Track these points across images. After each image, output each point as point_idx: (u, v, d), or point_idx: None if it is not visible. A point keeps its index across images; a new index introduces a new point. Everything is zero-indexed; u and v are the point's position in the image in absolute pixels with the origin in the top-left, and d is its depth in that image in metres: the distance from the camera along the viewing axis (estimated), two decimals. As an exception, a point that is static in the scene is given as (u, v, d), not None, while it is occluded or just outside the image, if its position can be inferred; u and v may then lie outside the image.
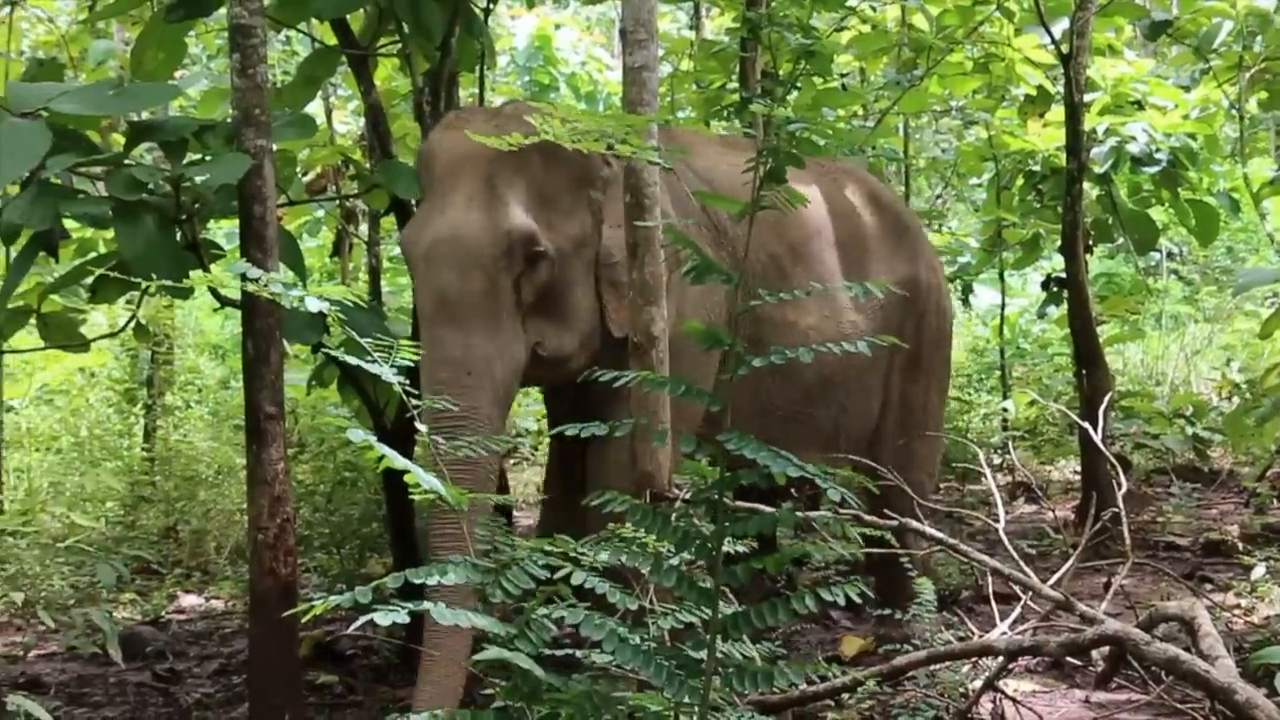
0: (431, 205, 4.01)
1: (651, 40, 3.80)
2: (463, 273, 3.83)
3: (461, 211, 3.90)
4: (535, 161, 4.00)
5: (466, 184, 3.95)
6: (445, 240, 3.87)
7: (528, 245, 3.91)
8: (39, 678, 4.57)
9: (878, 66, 7.22)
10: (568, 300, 4.07)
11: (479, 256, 3.85)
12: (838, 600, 2.43)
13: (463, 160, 3.97)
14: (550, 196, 4.06)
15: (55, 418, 7.52)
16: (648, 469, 3.71)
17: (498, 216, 3.90)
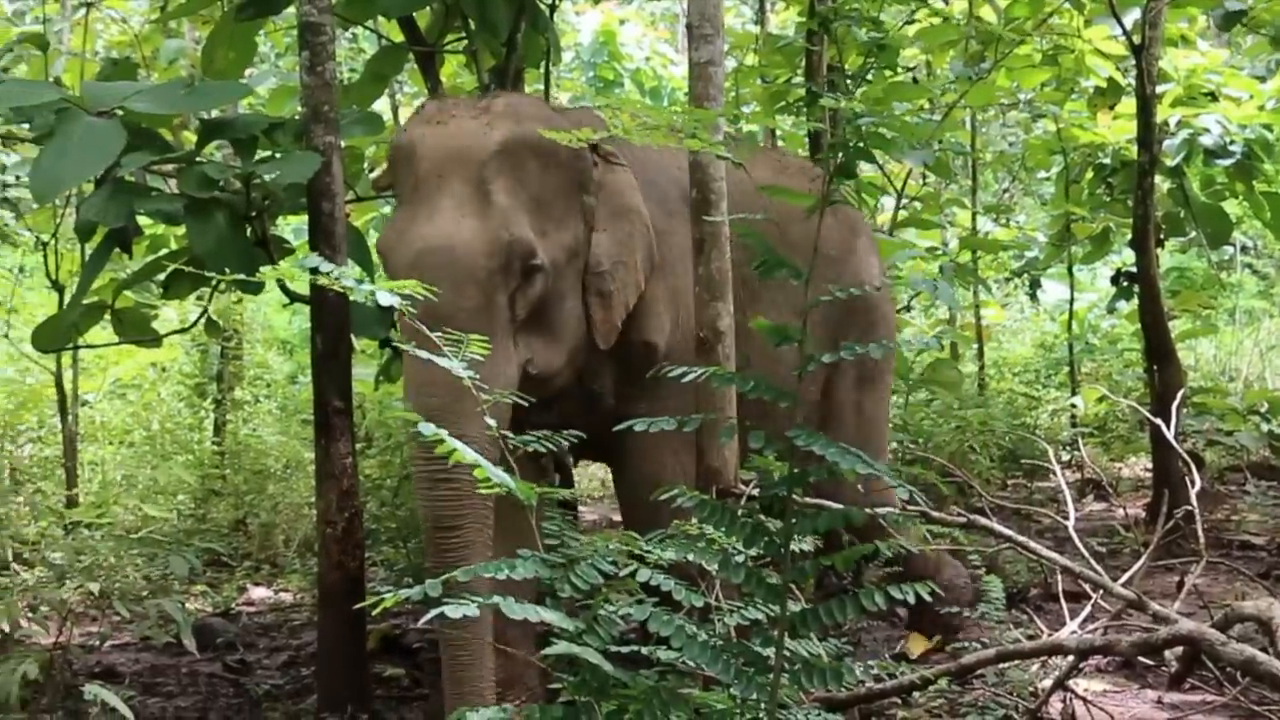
0: (416, 209, 3.62)
1: (717, 35, 3.79)
2: (456, 287, 3.46)
3: (452, 218, 3.55)
4: (530, 164, 3.70)
5: (457, 187, 3.59)
6: (435, 250, 3.51)
7: (526, 258, 3.61)
8: (114, 667, 4.64)
9: (944, 60, 7.15)
10: (558, 314, 3.79)
11: (473, 270, 3.51)
12: (907, 598, 2.41)
13: (451, 160, 3.62)
14: (545, 202, 3.74)
15: (128, 412, 7.63)
16: (714, 465, 3.70)
17: (494, 226, 3.57)
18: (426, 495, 3.42)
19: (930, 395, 7.58)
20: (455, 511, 3.39)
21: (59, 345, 4.83)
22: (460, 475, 3.27)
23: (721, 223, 3.63)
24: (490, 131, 3.64)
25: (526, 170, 3.69)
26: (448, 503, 3.38)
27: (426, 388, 3.38)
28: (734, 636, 2.63)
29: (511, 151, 3.64)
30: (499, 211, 3.59)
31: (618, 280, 3.87)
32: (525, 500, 2.36)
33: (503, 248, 3.55)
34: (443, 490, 3.38)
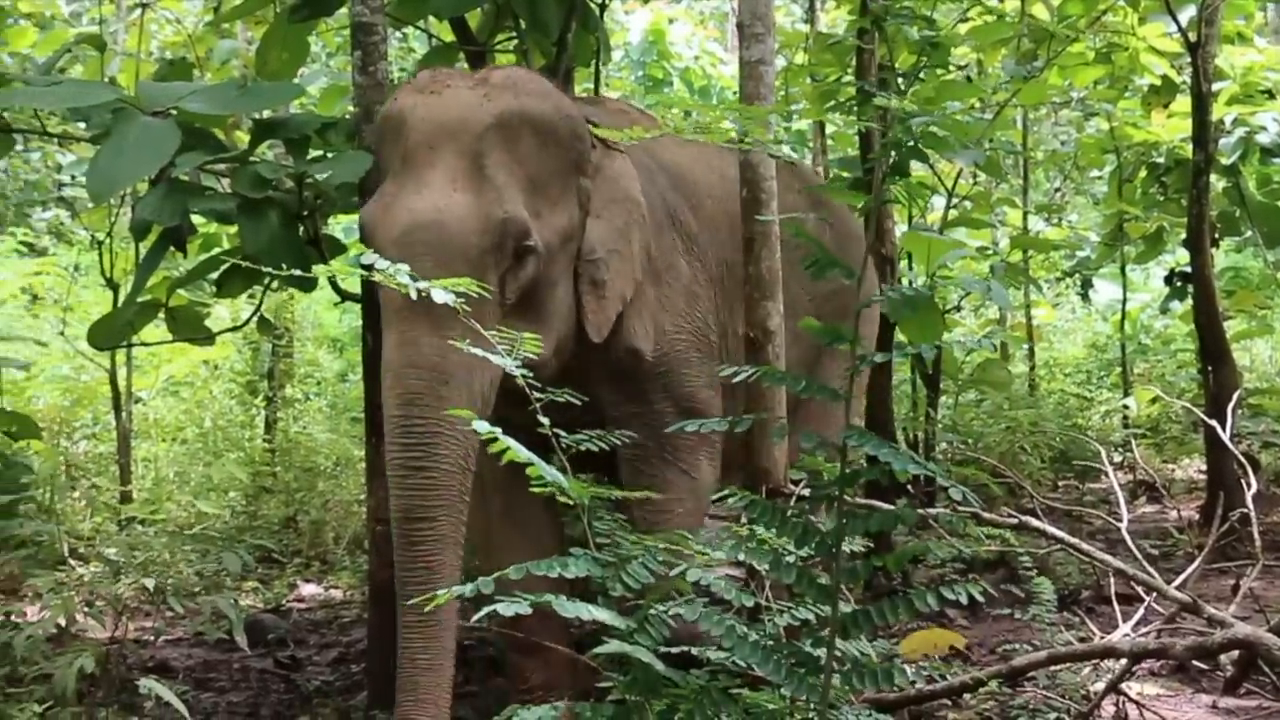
0: (403, 182, 3.40)
1: (769, 34, 3.79)
2: (444, 264, 3.22)
3: (443, 193, 3.35)
4: (527, 140, 3.51)
5: (449, 160, 3.39)
6: (424, 225, 3.30)
7: (520, 238, 3.40)
8: (167, 662, 4.69)
9: (996, 58, 7.11)
10: (548, 301, 3.57)
11: (464, 247, 3.30)
12: (959, 599, 2.40)
13: (444, 132, 3.42)
14: (541, 182, 3.54)
15: (180, 409, 7.71)
16: (764, 464, 3.70)
17: (488, 202, 3.36)
18: (399, 484, 3.23)
19: (980, 395, 7.54)
20: (428, 502, 3.21)
21: (114, 343, 4.88)
22: (436, 464, 3.20)
23: (772, 222, 3.62)
24: (487, 103, 3.46)
25: (523, 146, 3.51)
26: (421, 493, 3.21)
27: (409, 370, 3.23)
28: (784, 637, 2.63)
29: (508, 125, 3.47)
30: (493, 187, 3.39)
31: (612, 269, 3.68)
32: (578, 500, 2.36)
33: (496, 225, 3.34)
34: (418, 479, 3.21)
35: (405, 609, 3.17)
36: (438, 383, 3.22)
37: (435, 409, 3.20)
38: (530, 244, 3.41)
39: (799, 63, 7.21)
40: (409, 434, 3.20)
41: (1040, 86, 6.40)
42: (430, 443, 3.20)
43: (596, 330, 3.64)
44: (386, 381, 3.28)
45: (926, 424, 6.60)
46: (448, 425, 3.19)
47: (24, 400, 6.93)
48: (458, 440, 3.23)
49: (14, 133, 4.55)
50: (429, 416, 3.20)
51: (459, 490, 3.25)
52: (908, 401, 7.31)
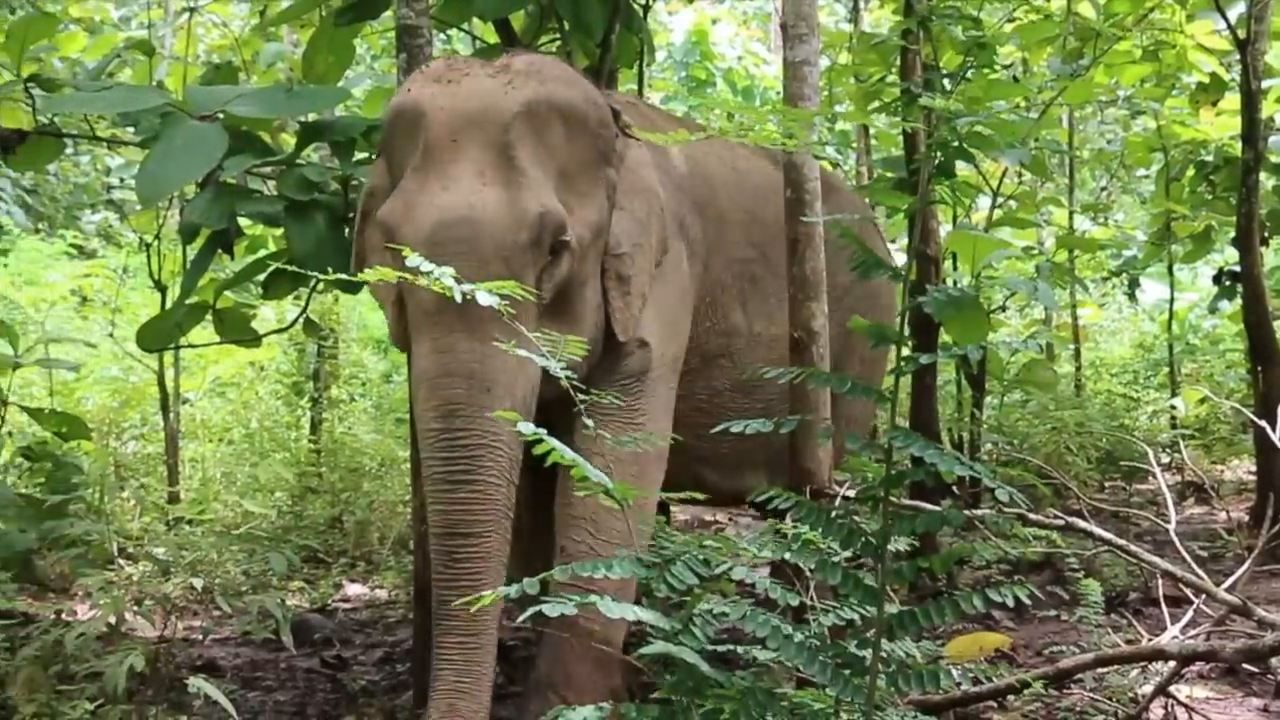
0: (425, 178, 3.20)
1: (812, 34, 3.78)
2: (479, 264, 3.04)
3: (472, 187, 3.15)
4: (556, 129, 3.34)
5: (476, 153, 3.19)
6: (455, 223, 3.11)
7: (557, 232, 3.22)
8: (215, 661, 4.73)
9: (1041, 56, 7.06)
10: (579, 301, 3.39)
11: (500, 244, 3.11)
12: (1006, 601, 2.39)
13: (468, 123, 3.22)
14: (570, 174, 3.36)
15: (227, 410, 7.78)
16: (808, 465, 3.69)
17: (523, 195, 3.17)
18: (442, 498, 3.06)
19: (1026, 396, 7.50)
20: (476, 517, 3.05)
21: (163, 345, 4.93)
22: (481, 477, 3.05)
23: (816, 223, 3.61)
24: (512, 91, 3.27)
25: (552, 136, 3.32)
26: (468, 506, 3.04)
27: (448, 379, 3.07)
28: (829, 638, 2.62)
29: (536, 114, 3.28)
30: (526, 179, 3.20)
31: (637, 264, 3.51)
32: (621, 501, 2.36)
33: (533, 220, 3.16)
34: (464, 493, 3.05)
35: (442, 628, 3.07)
36: (479, 391, 3.06)
37: (478, 419, 3.04)
38: (566, 239, 3.24)
39: (843, 62, 7.19)
40: (451, 447, 3.04)
41: (1086, 85, 6.37)
42: (475, 455, 3.05)
43: (624, 329, 3.47)
44: (421, 392, 3.11)
45: (971, 424, 6.57)
46: (492, 435, 3.05)
47: (74, 401, 7.01)
48: (503, 451, 3.09)
49: (64, 137, 4.60)
50: (472, 428, 3.04)
51: (505, 504, 3.10)
52: (952, 402, 7.27)
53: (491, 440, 3.06)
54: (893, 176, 5.91)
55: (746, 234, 4.14)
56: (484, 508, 3.06)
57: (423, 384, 3.11)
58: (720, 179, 4.14)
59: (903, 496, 3.64)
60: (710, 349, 4.09)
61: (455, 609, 2.99)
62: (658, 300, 3.62)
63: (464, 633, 3.05)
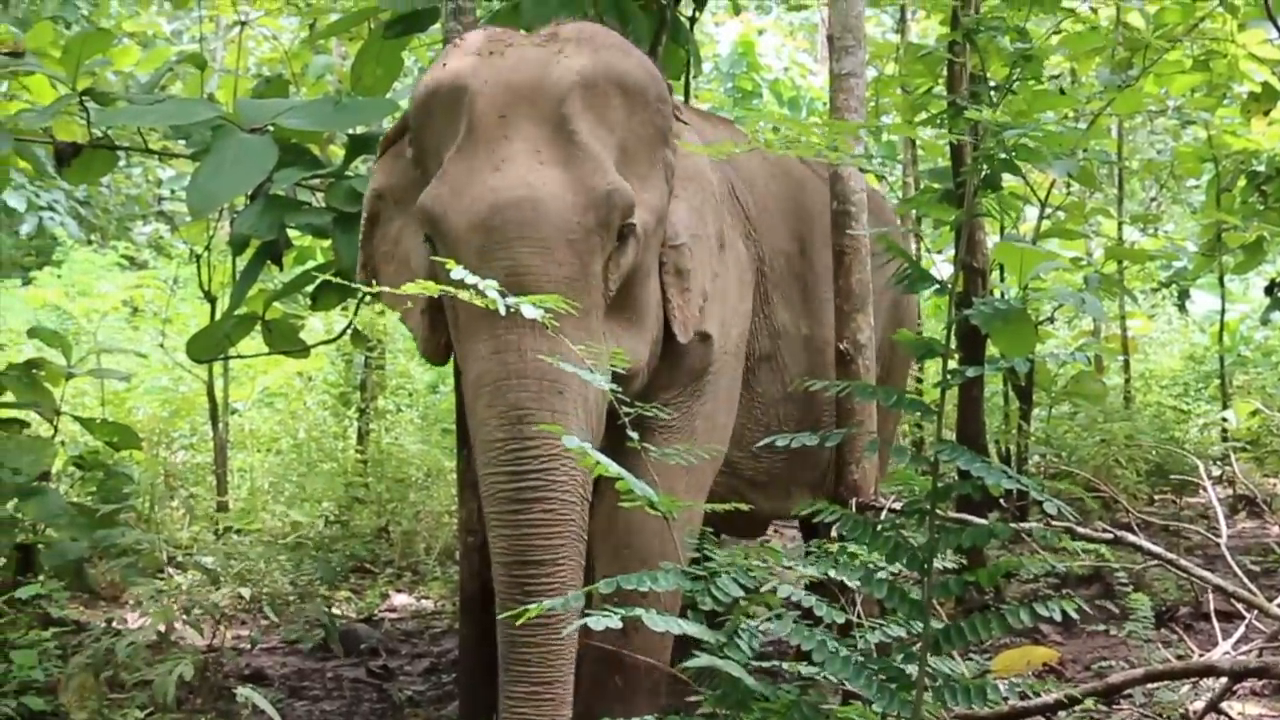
0: (474, 160, 2.85)
1: (860, 46, 3.78)
2: (543, 250, 2.76)
3: (529, 166, 2.82)
4: (615, 101, 3.00)
5: (529, 129, 2.86)
6: (513, 205, 2.77)
7: (626, 214, 2.89)
8: (262, 670, 4.76)
9: (1089, 67, 7.02)
10: (642, 294, 3.05)
11: (565, 226, 2.79)
12: (1054, 616, 2.37)
13: (518, 97, 2.89)
14: (631, 153, 3.02)
15: (275, 420, 7.83)
16: (854, 478, 3.68)
17: (588, 173, 2.85)
18: (511, 521, 2.71)
19: (1074, 408, 7.44)
20: (550, 541, 2.70)
21: (213, 355, 4.98)
22: (557, 493, 2.70)
23: (863, 235, 3.60)
24: (564, 60, 2.95)
25: (612, 110, 2.99)
26: (541, 530, 2.70)
27: (516, 382, 2.72)
28: (874, 653, 2.61)
29: (593, 85, 2.95)
30: (588, 156, 2.87)
31: (696, 258, 3.18)
32: (665, 514, 2.35)
33: (600, 199, 2.83)
34: (536, 513, 2.70)
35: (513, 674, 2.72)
36: (551, 394, 2.72)
37: (551, 424, 2.67)
38: (633, 222, 2.93)
39: (889, 73, 7.17)
40: (520, 459, 2.69)
41: (1135, 95, 6.31)
42: (547, 468, 2.70)
43: (683, 328, 3.13)
44: (484, 397, 2.77)
45: (1019, 437, 6.52)
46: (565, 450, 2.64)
47: (124, 411, 7.09)
48: (577, 472, 2.73)
49: (117, 149, 4.66)
50: (544, 436, 2.68)
51: (580, 525, 2.76)
52: (999, 414, 7.23)
53: (565, 450, 2.64)
54: (939, 188, 5.88)
55: (788, 223, 3.88)
56: (558, 530, 2.71)
57: (484, 389, 2.76)
58: (758, 163, 3.85)
59: (949, 509, 3.62)
60: (760, 349, 3.76)
61: (528, 652, 2.69)
62: (716, 285, 3.32)
63: (538, 680, 2.71)
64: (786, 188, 3.95)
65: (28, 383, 4.90)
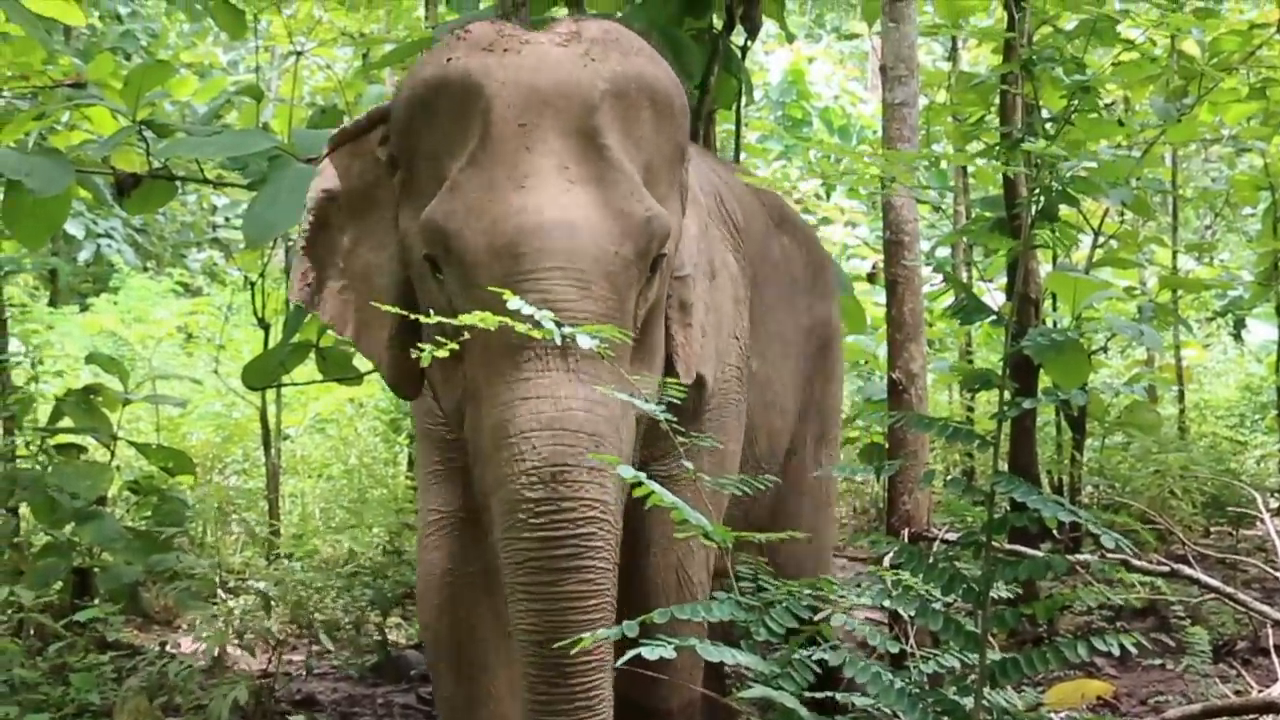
0: (492, 174, 2.50)
1: (912, 76, 3.78)
2: (580, 284, 2.44)
3: (558, 185, 2.49)
4: (645, 115, 2.66)
5: (554, 142, 2.52)
6: (548, 230, 2.44)
7: (662, 245, 2.61)
8: (314, 695, 4.78)
9: (1143, 95, 6.98)
10: (655, 330, 2.77)
11: (604, 257, 2.47)
12: (1111, 650, 2.35)
13: (540, 103, 2.54)
14: (655, 172, 2.69)
15: (327, 446, 7.89)
16: (907, 509, 3.67)
17: (624, 196, 2.54)
18: (544, 593, 2.36)
19: (1127, 439, 7.37)
20: (588, 616, 2.37)
21: (268, 383, 5.02)
22: (595, 561, 2.39)
23: (916, 265, 3.60)
24: (593, 64, 2.60)
25: (641, 123, 2.65)
26: (579, 605, 2.37)
27: (546, 434, 2.38)
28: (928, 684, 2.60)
29: (625, 94, 2.61)
30: (624, 176, 2.55)
31: (697, 290, 2.90)
32: (721, 543, 2.33)
33: (639, 227, 2.53)
34: (572, 585, 2.37)
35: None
36: (590, 449, 2.39)
37: (588, 484, 2.38)
38: (665, 253, 2.65)
39: (940, 101, 7.15)
40: (557, 522, 2.36)
41: (1190, 124, 6.28)
42: (587, 532, 2.38)
43: (686, 367, 2.83)
44: (508, 450, 2.40)
45: (1072, 467, 6.47)
46: (601, 505, 2.40)
47: (179, 436, 7.16)
48: (612, 524, 2.44)
49: (176, 180, 4.72)
50: (582, 495, 2.37)
51: (614, 595, 2.44)
52: (1052, 444, 7.17)
53: (601, 510, 2.40)
54: (991, 216, 5.86)
55: (764, 244, 3.62)
56: (596, 602, 2.39)
57: (508, 441, 2.40)
58: (720, 177, 3.53)
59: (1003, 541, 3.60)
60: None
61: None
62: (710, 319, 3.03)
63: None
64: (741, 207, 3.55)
65: (86, 408, 4.96)
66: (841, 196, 10.67)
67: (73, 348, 8.79)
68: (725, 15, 4.71)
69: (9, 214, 4.14)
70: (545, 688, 2.36)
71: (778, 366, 3.62)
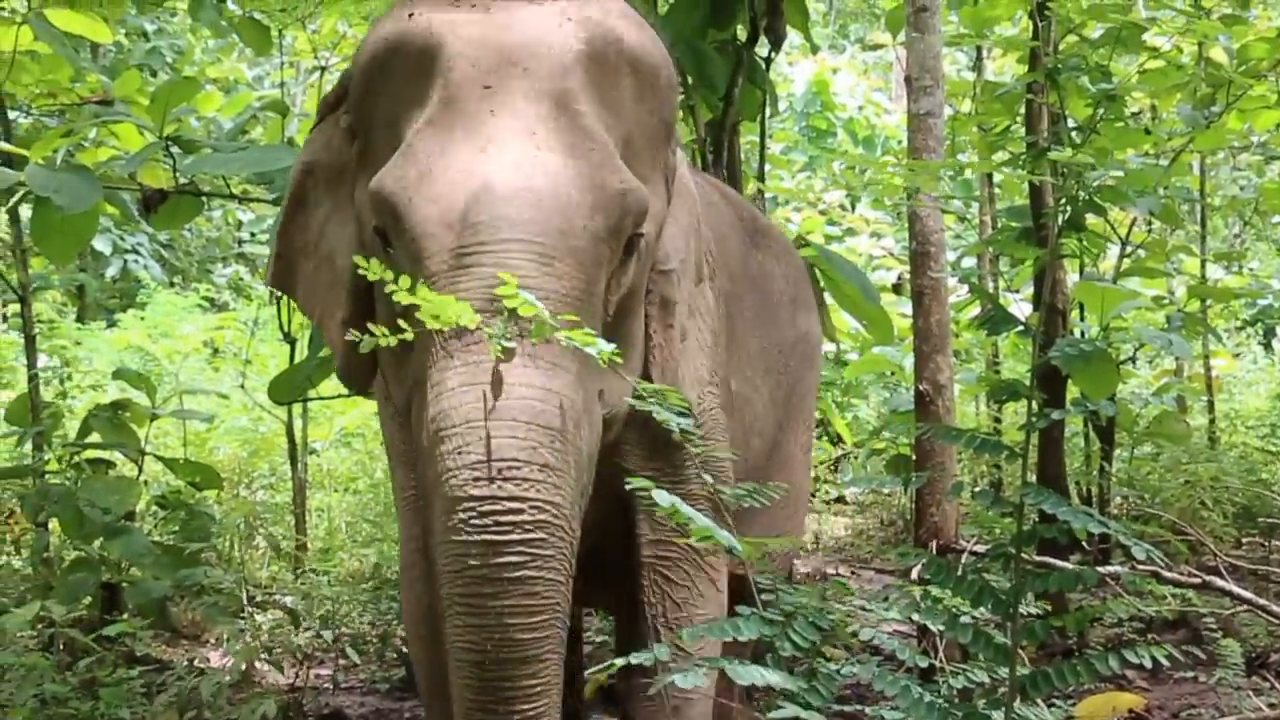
0: (450, 136, 2.27)
1: (937, 87, 3.78)
2: (541, 259, 2.17)
3: (525, 150, 2.24)
4: (624, 83, 2.42)
5: (521, 104, 2.29)
6: (508, 197, 2.18)
7: (638, 221, 2.36)
8: (341, 710, 4.77)
9: (1171, 103, 6.94)
10: (632, 324, 2.52)
11: (571, 230, 2.21)
12: (1143, 662, 2.32)
13: (509, 63, 2.31)
14: (636, 148, 2.45)
15: (353, 460, 7.90)
16: (936, 521, 3.65)
17: (596, 165, 2.29)
18: (483, 607, 2.08)
19: (1157, 449, 7.33)
20: (533, 634, 2.11)
21: (294, 398, 5.04)
22: (544, 572, 2.11)
23: (942, 275, 3.58)
24: (567, 24, 2.37)
25: (620, 91, 2.41)
26: (523, 621, 2.09)
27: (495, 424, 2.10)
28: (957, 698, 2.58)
29: (602, 58, 2.38)
30: (597, 145, 2.31)
31: (681, 289, 2.66)
32: (746, 559, 2.31)
33: (612, 200, 2.28)
34: (516, 599, 2.08)
35: None
36: (544, 441, 2.12)
37: (543, 484, 2.11)
38: (642, 233, 2.41)
39: (965, 111, 7.13)
40: (502, 525, 2.08)
41: (1219, 132, 6.24)
42: (534, 538, 2.10)
43: (662, 369, 2.58)
44: (450, 442, 2.12)
45: (1100, 478, 6.43)
46: (554, 508, 2.12)
47: (206, 451, 7.19)
48: (566, 531, 2.16)
49: (202, 195, 4.74)
50: (534, 497, 2.10)
51: (565, 611, 2.18)
52: (1080, 455, 7.13)
53: (554, 515, 2.12)
54: (1017, 226, 5.83)
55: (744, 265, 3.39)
56: (543, 619, 2.12)
57: (450, 431, 2.12)
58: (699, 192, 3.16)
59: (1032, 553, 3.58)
60: None
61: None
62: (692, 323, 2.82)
63: None
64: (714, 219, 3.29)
65: (114, 424, 4.98)
66: (866, 207, 10.65)
67: (101, 363, 8.86)
68: (749, 27, 4.71)
69: (38, 231, 4.16)
70: (481, 715, 2.12)
71: (757, 387, 3.38)
